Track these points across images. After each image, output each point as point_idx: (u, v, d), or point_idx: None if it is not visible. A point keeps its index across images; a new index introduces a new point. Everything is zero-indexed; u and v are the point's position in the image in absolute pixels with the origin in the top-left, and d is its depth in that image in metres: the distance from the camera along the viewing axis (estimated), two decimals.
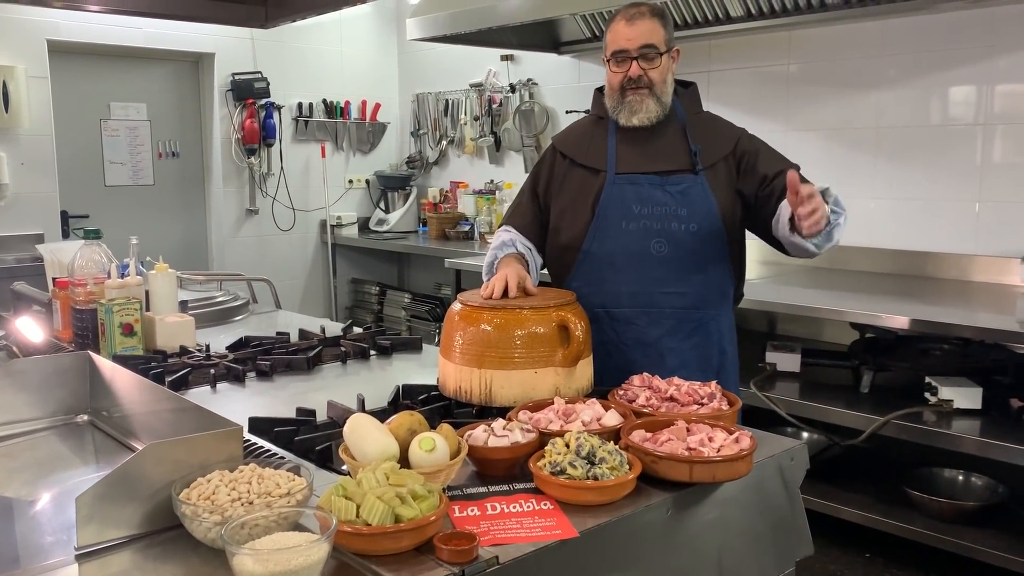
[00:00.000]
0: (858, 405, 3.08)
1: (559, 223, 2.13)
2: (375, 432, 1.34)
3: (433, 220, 5.60)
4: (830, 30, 3.81)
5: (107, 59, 5.09)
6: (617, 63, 2.04)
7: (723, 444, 1.40)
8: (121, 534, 1.18)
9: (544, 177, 2.19)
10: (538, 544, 1.17)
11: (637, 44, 2.00)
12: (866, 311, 3.02)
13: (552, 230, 2.16)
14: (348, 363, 2.23)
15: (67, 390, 1.81)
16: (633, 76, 2.01)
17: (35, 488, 1.46)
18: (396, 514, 1.12)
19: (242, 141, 5.45)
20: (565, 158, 2.15)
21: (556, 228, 2.14)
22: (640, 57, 2.00)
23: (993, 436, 2.74)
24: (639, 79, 2.01)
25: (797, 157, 2.12)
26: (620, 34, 2.03)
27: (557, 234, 2.14)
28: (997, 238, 3.47)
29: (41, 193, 4.70)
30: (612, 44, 2.05)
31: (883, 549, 3.18)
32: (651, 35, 2.01)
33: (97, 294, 2.25)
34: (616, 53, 2.04)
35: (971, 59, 3.47)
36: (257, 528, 1.10)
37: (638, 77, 2.01)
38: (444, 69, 5.77)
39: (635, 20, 2.02)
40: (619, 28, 2.03)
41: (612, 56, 2.05)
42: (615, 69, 2.05)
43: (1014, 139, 3.41)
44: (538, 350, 1.68)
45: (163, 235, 5.28)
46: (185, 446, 1.24)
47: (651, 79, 2.02)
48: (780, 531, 1.56)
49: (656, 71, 2.02)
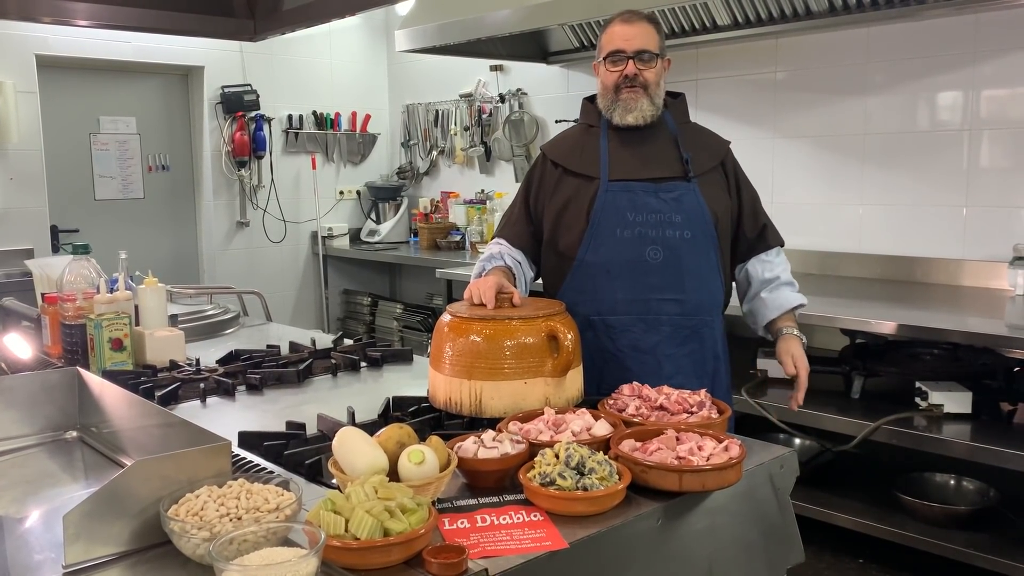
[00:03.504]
0: (849, 411, 3.08)
1: (552, 232, 2.13)
2: (364, 445, 1.33)
3: (424, 230, 5.60)
4: (816, 37, 3.84)
5: (96, 73, 5.09)
6: (613, 63, 2.06)
7: (712, 453, 1.40)
8: (109, 551, 1.17)
9: (535, 187, 2.19)
10: (528, 556, 1.17)
11: (634, 46, 2.04)
12: (856, 317, 3.03)
13: (546, 239, 2.16)
14: (339, 375, 2.23)
15: (56, 406, 1.80)
16: (629, 74, 2.04)
17: (24, 505, 1.45)
18: (385, 528, 1.12)
19: (232, 154, 5.45)
20: (556, 166, 2.15)
21: (550, 237, 2.15)
22: (636, 58, 2.03)
23: (984, 440, 2.74)
24: (635, 78, 2.04)
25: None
26: (617, 35, 2.06)
27: (551, 243, 2.15)
28: (985, 242, 3.49)
29: (30, 208, 4.69)
30: (608, 44, 2.07)
31: (875, 554, 3.19)
32: (647, 39, 2.05)
33: (86, 309, 2.25)
34: (612, 53, 2.06)
35: (956, 65, 3.50)
36: (246, 544, 1.10)
37: (634, 76, 2.04)
38: (434, 80, 5.78)
39: (632, 22, 2.06)
40: (616, 29, 2.06)
41: (608, 56, 2.07)
42: (611, 69, 2.06)
43: (1000, 143, 3.44)
44: (528, 360, 1.68)
45: (153, 248, 5.27)
46: (173, 462, 1.24)
47: (646, 79, 2.05)
48: (771, 539, 1.56)
49: (651, 72, 2.05)
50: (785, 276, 2.18)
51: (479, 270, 2.12)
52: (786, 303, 2.16)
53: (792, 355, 2.11)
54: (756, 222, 2.19)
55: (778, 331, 2.15)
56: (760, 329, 2.21)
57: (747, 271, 2.20)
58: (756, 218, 2.19)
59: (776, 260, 2.20)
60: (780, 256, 2.22)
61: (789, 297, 2.16)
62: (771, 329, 2.18)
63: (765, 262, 2.19)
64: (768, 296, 2.16)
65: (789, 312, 2.16)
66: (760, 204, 2.22)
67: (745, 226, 2.17)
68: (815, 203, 3.98)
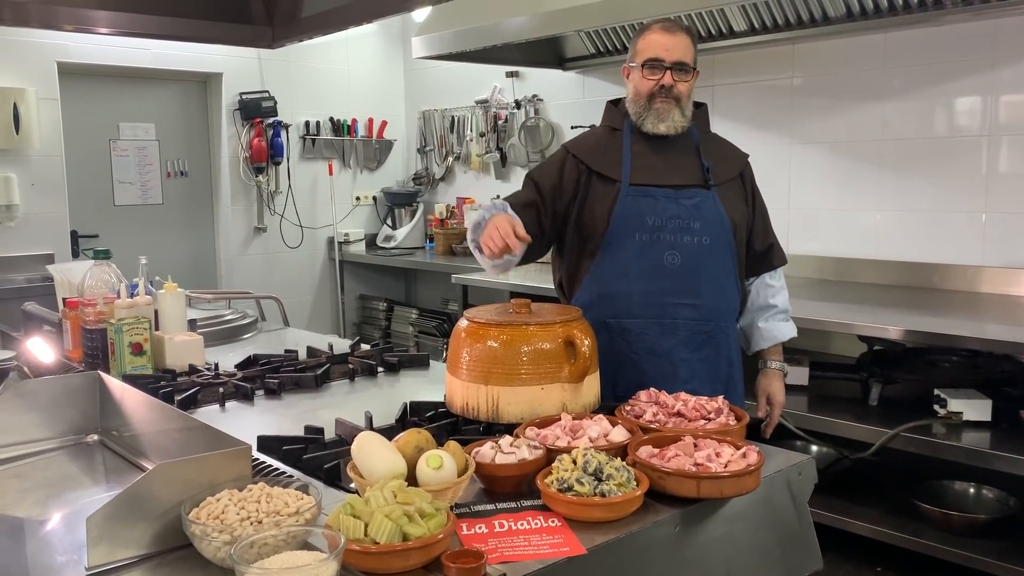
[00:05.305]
0: (867, 418, 3.06)
1: (572, 231, 2.12)
2: (382, 450, 1.34)
3: (440, 236, 5.62)
4: (833, 43, 3.82)
5: (116, 80, 5.14)
6: (651, 71, 2.06)
7: (730, 459, 1.40)
8: (131, 554, 1.19)
9: (556, 178, 2.13)
10: (546, 561, 1.17)
11: (674, 56, 2.04)
12: (874, 323, 3.01)
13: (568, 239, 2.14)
14: (356, 380, 2.24)
15: (77, 410, 1.82)
16: (666, 84, 2.04)
17: (46, 508, 1.47)
18: (404, 532, 1.12)
19: (250, 160, 5.48)
20: (581, 163, 2.13)
21: (569, 237, 2.14)
22: (673, 69, 2.04)
23: (1003, 448, 2.72)
24: (670, 89, 2.04)
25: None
26: (657, 43, 2.06)
27: (571, 243, 2.14)
28: (1004, 249, 3.46)
29: (51, 213, 4.74)
30: (646, 51, 2.07)
31: (894, 563, 3.16)
32: (686, 51, 2.06)
33: (107, 314, 2.27)
34: (650, 60, 2.05)
35: (975, 70, 3.48)
36: (266, 547, 1.11)
37: (670, 87, 2.04)
38: (450, 86, 5.81)
39: (674, 32, 2.06)
40: (656, 37, 2.06)
41: (646, 63, 2.06)
42: (648, 76, 2.06)
43: (1019, 149, 3.41)
44: (544, 366, 1.68)
45: (172, 254, 5.31)
46: (194, 466, 1.25)
47: (680, 91, 2.06)
48: (789, 546, 1.55)
49: (685, 84, 2.06)
50: (783, 305, 2.27)
51: (479, 218, 2.00)
52: (778, 336, 2.26)
53: (768, 394, 2.26)
54: (765, 238, 2.23)
55: (764, 362, 2.27)
56: (748, 351, 2.29)
57: (749, 290, 2.25)
58: (766, 235, 2.23)
59: (778, 285, 2.27)
60: (782, 280, 2.29)
61: (782, 330, 2.26)
62: (758, 356, 2.28)
63: (768, 286, 2.25)
64: (764, 326, 2.25)
65: (778, 344, 2.27)
66: (769, 222, 2.26)
67: (755, 240, 2.20)
68: (832, 209, 3.96)
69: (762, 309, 2.24)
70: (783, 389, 2.27)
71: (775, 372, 2.27)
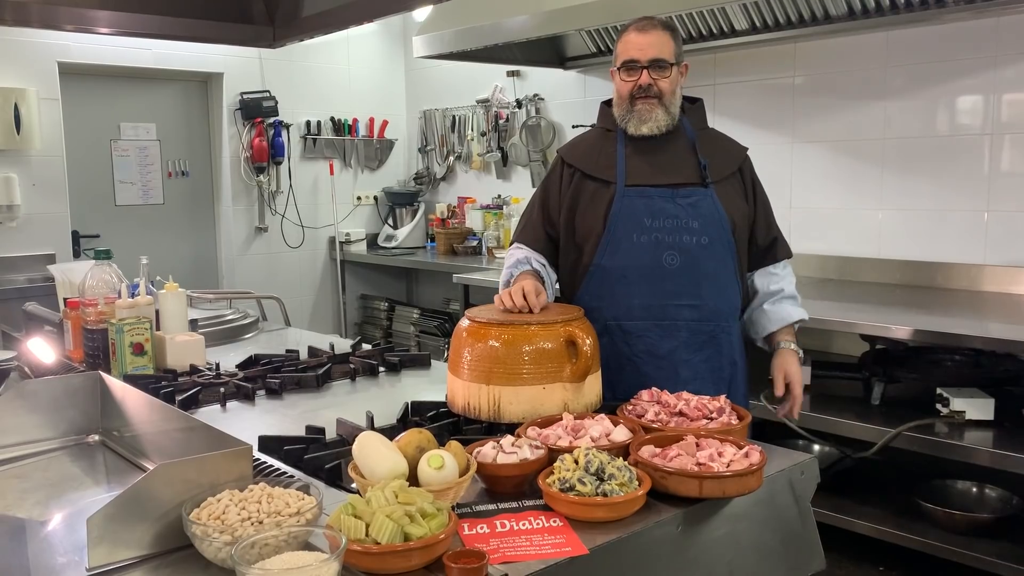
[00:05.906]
0: (869, 417, 3.06)
1: (569, 236, 2.13)
2: (384, 450, 1.34)
3: (441, 235, 5.61)
4: (835, 42, 3.81)
5: (117, 80, 5.14)
6: (627, 72, 2.06)
7: (733, 459, 1.40)
8: (132, 555, 1.18)
9: (553, 191, 2.19)
10: (548, 561, 1.17)
11: (648, 55, 2.03)
12: (876, 322, 3.01)
13: (562, 244, 2.16)
14: (357, 380, 2.24)
15: (78, 410, 1.81)
16: (643, 84, 2.03)
17: (47, 508, 1.47)
18: (405, 532, 1.12)
19: (251, 159, 5.48)
20: (573, 170, 2.15)
21: (566, 241, 2.15)
22: (650, 67, 2.03)
23: (1006, 447, 2.71)
24: (648, 88, 2.04)
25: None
26: (631, 44, 2.05)
27: (567, 248, 2.14)
28: (1007, 248, 3.46)
29: (52, 213, 4.74)
30: (623, 54, 2.07)
31: (896, 562, 3.16)
32: (662, 48, 2.04)
33: (108, 314, 2.26)
34: (627, 62, 2.06)
35: (977, 69, 3.47)
36: (267, 548, 1.11)
37: (648, 86, 2.03)
38: (451, 86, 5.80)
39: (647, 31, 2.05)
40: (630, 38, 2.06)
41: (623, 65, 2.07)
42: (625, 78, 2.06)
43: (1022, 148, 3.40)
44: (546, 366, 1.68)
45: (173, 254, 5.30)
46: (195, 466, 1.24)
47: (660, 89, 2.04)
48: (792, 546, 1.55)
49: (666, 81, 2.05)
50: (789, 290, 2.19)
51: (507, 277, 2.12)
52: (787, 317, 2.16)
53: (785, 372, 2.13)
54: (768, 232, 2.19)
55: (776, 344, 2.17)
56: (759, 340, 2.22)
57: (753, 281, 2.21)
58: (768, 228, 2.20)
59: (782, 273, 2.21)
60: (787, 269, 2.23)
61: (791, 311, 2.17)
62: (770, 341, 2.19)
63: (771, 274, 2.20)
64: (770, 308, 2.17)
65: (789, 326, 2.18)
66: (772, 215, 2.22)
67: (758, 235, 2.17)
68: (834, 208, 3.96)
69: (767, 295, 2.18)
70: (800, 370, 2.14)
71: (789, 351, 2.15)
